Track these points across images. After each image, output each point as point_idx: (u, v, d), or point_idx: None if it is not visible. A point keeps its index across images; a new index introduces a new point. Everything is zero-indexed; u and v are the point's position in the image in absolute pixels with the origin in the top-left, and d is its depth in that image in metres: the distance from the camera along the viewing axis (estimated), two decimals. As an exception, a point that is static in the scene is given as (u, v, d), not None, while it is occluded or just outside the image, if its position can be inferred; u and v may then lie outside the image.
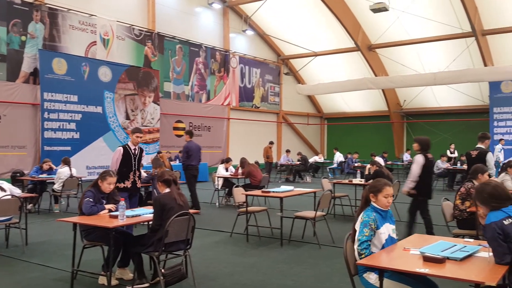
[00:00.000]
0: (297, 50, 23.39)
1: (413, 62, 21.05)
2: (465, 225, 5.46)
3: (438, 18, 18.21)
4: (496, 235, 2.93)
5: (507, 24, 18.07)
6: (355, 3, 19.30)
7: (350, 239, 3.52)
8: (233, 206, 10.11)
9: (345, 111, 26.81)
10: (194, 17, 20.13)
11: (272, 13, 21.50)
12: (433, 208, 9.44)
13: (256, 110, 23.50)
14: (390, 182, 3.60)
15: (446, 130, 22.88)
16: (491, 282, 2.61)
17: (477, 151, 7.13)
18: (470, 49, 19.30)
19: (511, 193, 6.95)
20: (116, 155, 6.63)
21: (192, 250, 4.96)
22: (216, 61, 20.96)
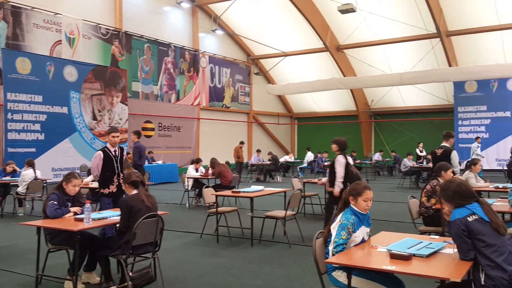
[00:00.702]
0: (267, 50, 23.46)
1: (380, 63, 21.46)
2: (431, 222, 5.58)
3: (404, 19, 18.61)
4: (460, 231, 2.99)
5: (470, 25, 18.64)
6: (324, 4, 19.50)
7: (322, 239, 3.53)
8: (203, 207, 10.03)
9: (315, 110, 27.07)
10: (163, 16, 19.91)
11: (241, 13, 21.50)
12: (399, 205, 9.64)
13: (226, 110, 23.44)
14: (369, 186, 3.62)
15: (413, 129, 23.42)
16: (456, 278, 2.66)
17: (442, 150, 7.30)
18: (435, 49, 19.81)
19: (475, 190, 7.15)
20: (96, 160, 6.29)
21: (161, 252, 4.89)
22: (186, 60, 20.79)
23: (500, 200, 5.86)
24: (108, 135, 6.44)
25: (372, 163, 20.06)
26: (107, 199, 6.24)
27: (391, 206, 10.27)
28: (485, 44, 19.35)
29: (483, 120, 20.46)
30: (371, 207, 3.63)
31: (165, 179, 16.48)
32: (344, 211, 3.56)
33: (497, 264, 2.88)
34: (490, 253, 2.90)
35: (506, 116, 19.93)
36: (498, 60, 18.30)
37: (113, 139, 6.38)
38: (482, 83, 20.22)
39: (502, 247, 2.93)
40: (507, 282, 2.85)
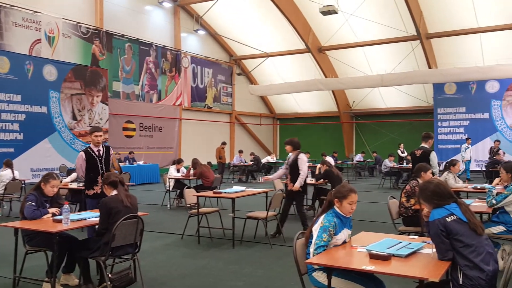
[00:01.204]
0: (249, 50, 23.47)
1: (362, 64, 21.66)
2: (411, 222, 5.65)
3: (385, 21, 18.81)
4: (439, 232, 3.03)
5: (450, 28, 18.94)
6: (306, 6, 19.58)
7: (303, 239, 3.53)
8: (184, 207, 9.97)
9: (297, 111, 27.18)
10: (144, 15, 19.75)
11: (224, 13, 21.46)
12: (380, 206, 9.74)
13: (208, 111, 23.36)
14: (355, 189, 3.63)
15: (393, 130, 23.69)
16: (434, 278, 2.69)
17: (421, 150, 7.40)
18: (415, 51, 20.08)
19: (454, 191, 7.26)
20: (79, 161, 6.19)
21: (141, 253, 4.84)
22: (167, 60, 20.65)
23: (478, 201, 5.96)
24: (91, 134, 6.30)
25: (353, 164, 20.22)
26: (91, 201, 6.13)
27: (372, 206, 10.37)
28: (464, 47, 19.69)
29: (462, 121, 20.81)
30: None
31: (146, 179, 16.34)
32: (327, 212, 3.56)
33: (475, 264, 2.92)
34: (468, 253, 2.94)
35: (485, 117, 20.30)
36: (477, 62, 18.63)
37: (96, 138, 6.25)
38: (461, 85, 20.57)
39: (479, 247, 2.97)
40: (484, 282, 2.90)
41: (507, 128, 19.85)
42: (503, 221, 5.24)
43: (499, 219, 5.29)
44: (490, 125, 20.11)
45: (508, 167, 5.39)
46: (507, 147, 18.66)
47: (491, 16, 17.78)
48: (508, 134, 19.71)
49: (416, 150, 7.58)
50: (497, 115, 20.06)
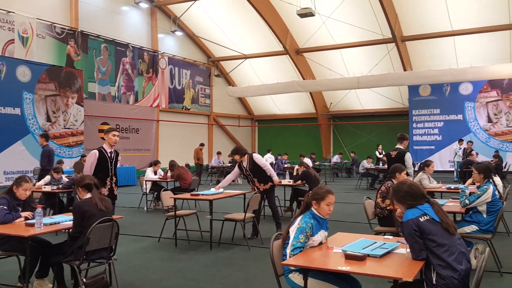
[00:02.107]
0: (227, 52, 23.44)
1: (339, 66, 21.89)
2: (386, 223, 5.72)
3: (361, 24, 19.05)
4: (412, 232, 3.07)
5: (424, 30, 19.30)
6: (283, 8, 19.68)
7: (280, 240, 3.54)
8: (161, 210, 9.88)
9: (275, 113, 27.26)
10: (120, 16, 19.52)
11: (201, 14, 21.39)
12: (356, 206, 9.84)
13: (186, 112, 23.23)
14: (332, 190, 3.64)
15: (370, 131, 23.99)
16: (408, 278, 2.72)
17: (397, 152, 7.50)
18: (390, 54, 20.38)
19: (428, 191, 7.38)
20: (91, 159, 5.94)
21: (117, 257, 4.77)
22: (144, 61, 20.45)
23: (452, 201, 6.08)
24: (108, 133, 6.04)
25: (331, 165, 20.38)
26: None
27: (348, 207, 10.46)
28: (438, 49, 20.09)
29: (436, 123, 21.22)
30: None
31: (122, 182, 16.11)
32: (304, 214, 3.57)
33: (448, 263, 2.96)
34: (441, 252, 2.99)
35: (459, 119, 20.75)
36: (450, 65, 19.04)
37: (113, 138, 6.01)
38: (436, 87, 20.98)
39: (452, 246, 3.01)
40: (457, 281, 2.94)
41: (480, 129, 20.33)
42: (476, 221, 5.35)
43: (472, 218, 5.40)
44: (463, 127, 20.56)
45: (480, 168, 5.51)
46: (480, 148, 19.12)
47: (465, 20, 18.20)
48: (481, 135, 20.19)
49: (392, 151, 7.68)
50: (471, 117, 20.53)
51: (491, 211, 5.27)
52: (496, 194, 5.34)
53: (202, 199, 7.16)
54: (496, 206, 5.28)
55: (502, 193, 6.67)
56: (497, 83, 19.86)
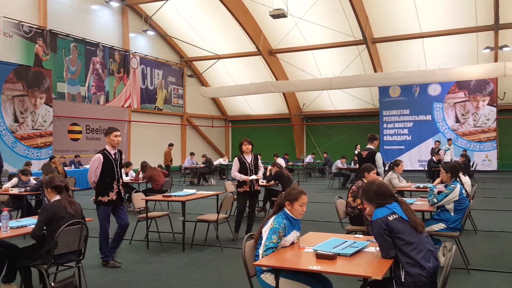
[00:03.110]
0: (200, 52, 23.33)
1: (311, 67, 22.08)
2: (357, 222, 5.79)
3: (333, 26, 19.27)
4: (381, 230, 3.12)
5: (394, 33, 19.67)
6: (256, 9, 19.72)
7: (253, 241, 3.54)
8: (133, 212, 9.75)
9: (249, 113, 27.29)
10: (90, 15, 19.17)
11: (174, 14, 21.22)
12: (328, 206, 9.92)
13: (159, 113, 22.99)
14: (305, 191, 3.66)
15: (342, 131, 24.29)
16: (377, 276, 2.76)
17: (367, 152, 7.61)
18: (361, 56, 20.69)
19: (398, 190, 7.50)
20: (95, 163, 5.60)
21: (87, 260, 4.68)
22: (115, 61, 20.14)
23: (420, 200, 6.20)
24: (109, 134, 5.71)
25: (304, 165, 20.54)
26: (106, 209, 5.65)
27: (321, 206, 10.56)
28: (407, 51, 20.51)
29: (406, 123, 21.67)
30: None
31: (93, 184, 15.84)
32: (277, 214, 3.58)
33: (416, 261, 3.01)
34: (410, 250, 3.04)
35: (427, 119, 21.24)
36: (419, 66, 19.46)
37: (115, 139, 5.69)
38: (405, 88, 21.43)
39: (420, 244, 3.07)
40: (425, 278, 3.00)
41: (448, 129, 20.86)
42: (443, 219, 5.47)
43: (440, 217, 5.52)
44: (432, 127, 21.06)
45: (447, 167, 5.64)
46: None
47: (433, 22, 18.64)
48: (449, 135, 20.70)
49: (363, 151, 7.79)
50: (439, 117, 21.04)
51: (458, 209, 5.41)
52: (463, 192, 5.48)
53: (174, 200, 7.09)
54: (463, 204, 5.42)
55: (469, 192, 6.86)
56: (464, 84, 20.42)
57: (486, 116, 20.27)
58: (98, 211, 5.71)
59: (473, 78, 19.00)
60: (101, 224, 5.68)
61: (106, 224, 5.69)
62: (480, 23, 18.27)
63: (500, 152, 20.55)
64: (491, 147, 20.07)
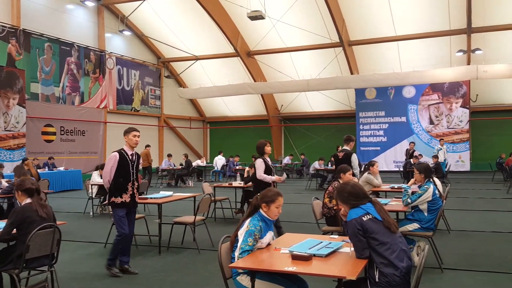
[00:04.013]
0: (178, 53, 23.18)
1: (289, 69, 22.18)
2: (333, 222, 5.84)
3: (310, 28, 19.42)
4: (356, 231, 3.15)
5: (370, 36, 19.93)
6: (234, 10, 19.71)
7: (229, 243, 3.52)
8: (109, 215, 9.61)
9: (227, 115, 27.24)
10: (65, 14, 18.84)
11: (151, 14, 21.04)
12: (305, 207, 9.98)
13: (135, 114, 22.73)
14: (281, 192, 3.66)
15: (319, 133, 24.47)
16: (351, 277, 2.78)
17: (343, 153, 7.69)
18: (338, 58, 20.89)
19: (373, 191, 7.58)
20: (111, 162, 5.41)
21: (60, 264, 4.59)
22: (91, 61, 19.83)
23: (394, 200, 6.29)
24: (128, 134, 5.54)
25: (282, 166, 20.60)
26: (120, 211, 5.43)
27: (298, 207, 10.61)
28: (383, 54, 20.81)
29: (381, 124, 21.97)
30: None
31: (67, 186, 15.57)
32: (252, 216, 3.57)
33: (389, 261, 3.05)
34: (383, 250, 3.07)
35: (402, 121, 21.58)
36: (394, 69, 19.77)
37: (134, 139, 5.52)
38: (381, 90, 21.73)
39: (394, 244, 3.11)
40: (398, 278, 3.04)
41: (422, 131, 21.23)
42: (417, 219, 5.56)
43: (414, 217, 5.61)
44: (407, 128, 21.41)
45: (421, 168, 5.74)
46: (423, 149, 19.97)
47: (408, 25, 18.97)
48: (423, 137, 21.09)
49: (339, 152, 7.87)
50: (414, 119, 21.40)
51: (431, 209, 5.51)
52: (436, 193, 5.58)
53: (150, 202, 7.02)
54: (437, 204, 5.52)
55: (442, 192, 6.99)
56: (438, 87, 20.83)
57: (459, 118, 20.70)
58: (113, 213, 5.52)
59: (446, 81, 19.39)
60: (117, 226, 5.44)
61: (122, 226, 5.41)
62: (453, 27, 18.68)
63: (473, 153, 21.04)
64: (464, 148, 20.51)
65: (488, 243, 6.78)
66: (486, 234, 7.48)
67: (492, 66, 17.06)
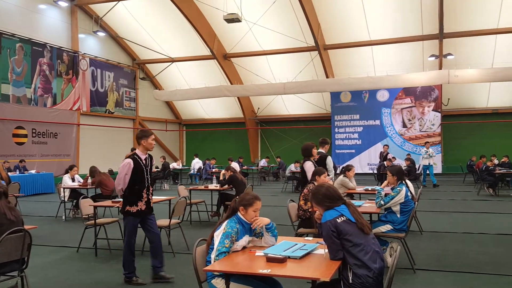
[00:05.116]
0: (153, 55, 22.98)
1: (265, 72, 22.26)
2: (308, 224, 5.87)
3: (287, 32, 19.54)
4: (330, 232, 3.18)
5: (345, 40, 20.18)
6: (210, 12, 19.66)
7: (205, 245, 3.51)
8: (82, 218, 9.44)
9: (204, 117, 27.13)
10: (38, 14, 18.45)
11: (126, 15, 20.81)
12: (281, 209, 10.01)
13: (109, 116, 22.41)
14: (259, 196, 3.67)
15: (295, 136, 24.61)
16: (325, 278, 2.80)
17: (318, 155, 7.74)
18: (314, 61, 21.08)
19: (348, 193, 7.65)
20: (124, 170, 5.05)
21: (30, 269, 4.48)
22: (64, 62, 19.47)
23: (368, 202, 6.38)
24: (146, 138, 5.15)
25: (258, 169, 20.63)
26: (134, 219, 5.15)
27: (274, 210, 10.62)
28: (358, 58, 21.08)
29: (356, 127, 22.26)
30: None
31: (39, 190, 15.22)
32: (230, 219, 3.58)
33: (363, 262, 3.09)
34: (357, 252, 3.11)
35: (376, 124, 21.90)
36: (369, 73, 20.08)
37: (153, 142, 5.19)
38: (355, 94, 22.02)
39: (367, 246, 3.15)
40: (371, 279, 3.08)
41: (396, 134, 21.60)
42: (390, 220, 5.65)
43: (387, 218, 5.69)
44: (381, 131, 21.74)
45: (393, 170, 5.84)
46: (396, 151, 20.32)
47: (382, 30, 19.27)
48: (397, 140, 21.45)
49: (314, 155, 7.91)
50: (387, 122, 21.75)
51: (404, 211, 5.60)
52: (408, 195, 5.67)
53: (124, 206, 6.90)
54: (409, 206, 5.62)
55: (414, 194, 7.12)
56: (411, 91, 21.23)
57: (431, 121, 21.14)
58: (125, 222, 5.20)
59: (419, 85, 19.79)
60: (127, 237, 5.16)
61: (132, 236, 5.18)
62: (426, 32, 19.08)
63: (444, 156, 21.51)
64: (436, 151, 20.89)
65: (459, 244, 6.93)
66: (457, 235, 7.65)
67: (463, 71, 17.50)
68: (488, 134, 21.58)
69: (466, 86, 20.28)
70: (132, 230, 5.18)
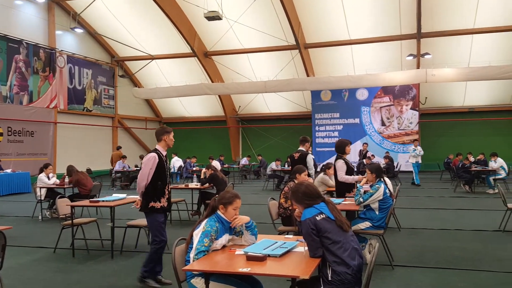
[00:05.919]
0: (132, 52, 22.71)
1: (246, 70, 22.22)
2: (289, 222, 5.89)
3: (267, 30, 19.54)
4: (310, 230, 3.18)
5: (325, 39, 20.29)
6: (191, 10, 19.54)
7: (184, 245, 3.47)
8: (59, 218, 9.27)
9: (184, 115, 26.95)
10: (13, 10, 18.05)
11: (104, 12, 20.51)
12: (262, 207, 10.02)
13: (88, 114, 22.07)
14: (239, 194, 3.65)
15: (276, 134, 24.67)
16: (305, 276, 2.81)
17: (299, 153, 7.77)
18: (294, 60, 21.14)
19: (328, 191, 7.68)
20: (149, 164, 4.88)
21: (6, 270, 4.38)
22: (40, 59, 19.09)
23: (347, 199, 6.42)
24: (168, 134, 5.02)
25: (239, 167, 20.61)
26: (159, 216, 5.01)
27: (255, 208, 10.63)
28: (338, 57, 21.23)
29: (336, 126, 22.43)
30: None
31: (15, 189, 14.91)
32: (209, 217, 3.55)
33: (342, 260, 3.10)
34: (336, 249, 3.13)
35: (356, 122, 22.10)
36: (348, 72, 20.23)
37: (173, 140, 5.07)
38: (336, 93, 22.18)
39: (346, 243, 3.17)
40: (350, 276, 3.10)
41: (375, 132, 21.83)
42: (369, 217, 5.70)
43: (366, 215, 5.75)
44: (360, 130, 21.95)
45: (372, 168, 5.89)
46: (376, 149, 20.54)
47: (361, 30, 19.43)
48: (376, 138, 21.68)
49: (295, 153, 7.94)
50: (366, 120, 21.97)
51: (382, 208, 5.66)
52: (387, 192, 5.73)
53: (102, 205, 6.82)
54: (387, 203, 5.68)
55: (392, 191, 7.21)
56: (389, 90, 21.48)
57: (409, 120, 21.43)
58: (151, 219, 5.05)
59: (397, 84, 20.02)
60: (155, 233, 5.01)
61: (162, 232, 5.02)
62: (404, 32, 19.32)
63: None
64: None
65: (436, 240, 7.04)
66: (434, 231, 7.77)
67: (440, 70, 17.77)
68: (464, 132, 21.98)
69: (443, 85, 20.61)
70: (161, 226, 5.03)
